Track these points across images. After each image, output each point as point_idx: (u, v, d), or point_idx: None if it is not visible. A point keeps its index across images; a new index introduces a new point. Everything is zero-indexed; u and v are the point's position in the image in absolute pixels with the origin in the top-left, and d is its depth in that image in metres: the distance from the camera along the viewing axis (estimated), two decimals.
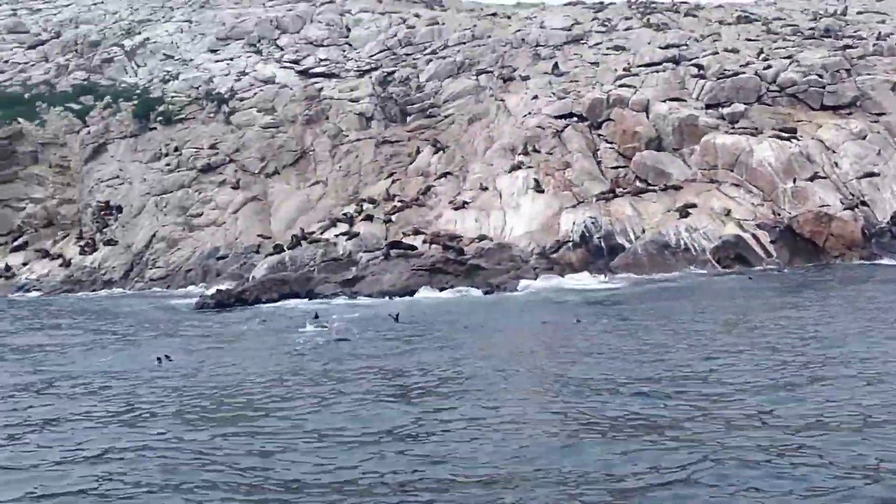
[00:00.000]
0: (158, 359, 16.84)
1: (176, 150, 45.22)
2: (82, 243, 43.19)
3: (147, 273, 40.39)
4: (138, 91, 49.18)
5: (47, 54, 54.48)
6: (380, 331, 20.42)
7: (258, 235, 40.11)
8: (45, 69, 52.61)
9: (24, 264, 42.85)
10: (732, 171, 34.32)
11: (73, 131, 47.38)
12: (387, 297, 28.87)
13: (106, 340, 21.45)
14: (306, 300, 29.86)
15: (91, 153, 46.38)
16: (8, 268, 42.20)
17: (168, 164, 44.73)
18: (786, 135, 34.78)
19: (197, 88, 48.46)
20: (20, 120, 47.53)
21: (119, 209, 44.04)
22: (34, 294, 39.31)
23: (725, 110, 37.38)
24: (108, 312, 29.35)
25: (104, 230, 43.57)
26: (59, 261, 42.25)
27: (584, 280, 29.73)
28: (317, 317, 22.99)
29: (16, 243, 44.25)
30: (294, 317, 24.65)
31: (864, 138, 35.12)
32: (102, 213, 44.20)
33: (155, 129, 46.69)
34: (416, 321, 22.20)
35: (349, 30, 54.13)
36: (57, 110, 48.20)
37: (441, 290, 29.58)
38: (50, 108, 48.42)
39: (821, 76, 38.53)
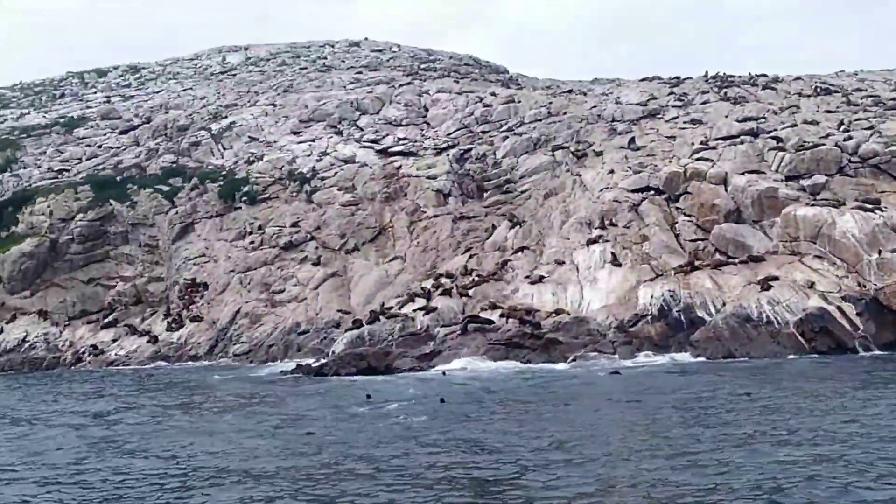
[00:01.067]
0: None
1: (259, 228, 46.51)
2: (169, 320, 44.36)
3: (231, 348, 41.19)
4: (224, 172, 50.83)
5: (138, 139, 56.78)
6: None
7: (338, 310, 40.70)
8: (136, 153, 54.79)
9: (114, 340, 44.10)
10: (815, 243, 33.72)
11: (161, 212, 49.13)
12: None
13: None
14: (384, 375, 30.13)
15: (178, 232, 47.96)
16: (95, 346, 43.49)
17: (252, 242, 45.98)
18: (869, 206, 34.11)
19: (280, 169, 49.87)
20: (112, 202, 49.51)
21: (205, 286, 45.27)
22: (123, 368, 40.41)
23: (806, 182, 36.95)
24: (207, 385, 29.80)
25: (190, 307, 44.75)
26: (147, 337, 43.39)
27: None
28: (369, 397, 22.98)
29: (106, 320, 45.62)
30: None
31: None
32: (189, 290, 45.47)
33: (240, 208, 48.15)
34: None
35: (427, 109, 55.31)
36: (147, 192, 50.11)
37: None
38: (140, 189, 50.36)
39: None
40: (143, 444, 17.38)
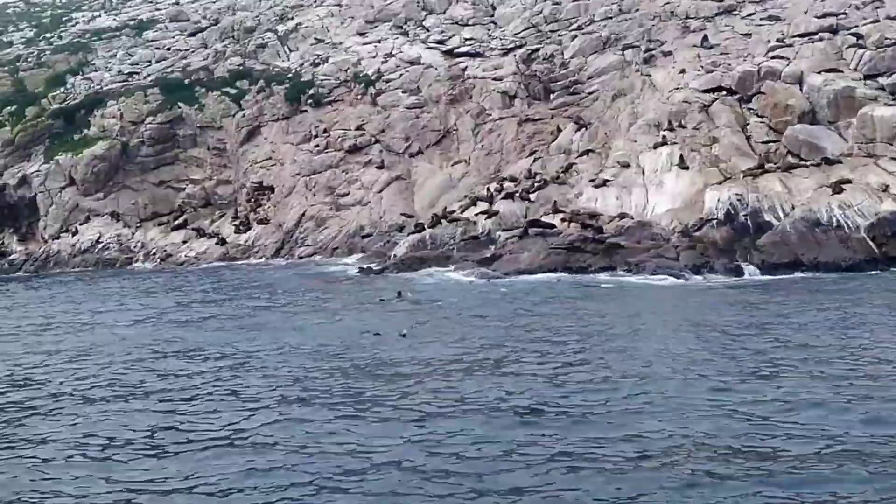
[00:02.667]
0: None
1: (325, 131, 46.48)
2: (237, 222, 44.98)
3: (296, 251, 41.72)
4: (290, 75, 50.62)
5: (206, 41, 56.70)
6: None
7: (402, 214, 40.79)
8: (204, 55, 54.77)
9: (184, 242, 44.93)
10: (892, 144, 32.39)
11: (229, 115, 49.34)
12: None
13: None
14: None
15: (245, 136, 48.22)
16: (166, 247, 44.45)
17: (317, 146, 46.05)
18: None
19: (345, 71, 49.44)
20: (180, 105, 49.83)
21: (271, 189, 45.67)
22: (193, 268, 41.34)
23: (886, 81, 35.23)
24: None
25: (257, 209, 45.29)
26: (216, 239, 44.10)
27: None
28: (399, 295, 24.46)
29: (176, 222, 46.42)
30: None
31: None
32: (256, 193, 45.95)
33: (305, 111, 48.08)
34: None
35: (494, 8, 53.89)
36: (214, 95, 50.28)
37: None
38: (208, 92, 50.54)
39: None
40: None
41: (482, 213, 35.76)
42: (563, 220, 33.11)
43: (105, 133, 49.50)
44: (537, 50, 47.48)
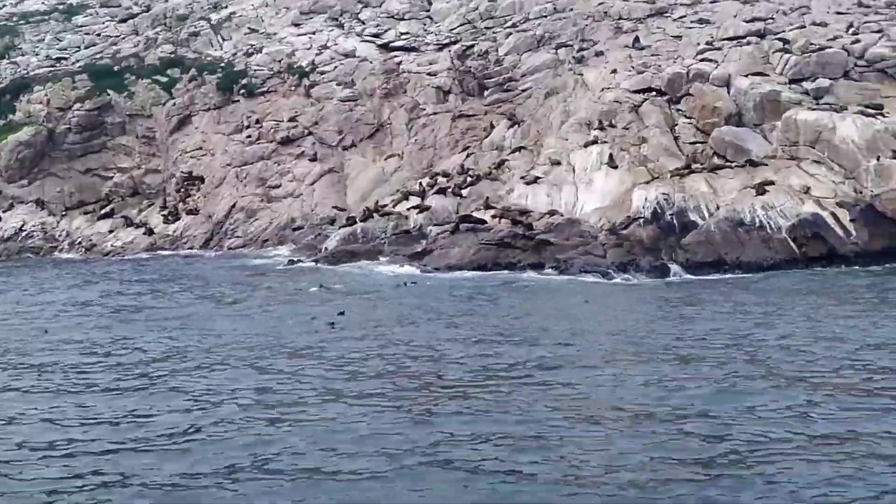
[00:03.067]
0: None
1: (257, 122, 46.04)
2: (166, 212, 44.38)
3: (226, 242, 41.33)
4: (223, 64, 50.01)
5: (137, 28, 55.72)
6: None
7: (333, 207, 40.62)
8: (135, 42, 53.82)
9: (111, 231, 44.16)
10: (814, 147, 33.22)
11: (159, 103, 48.58)
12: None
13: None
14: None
15: (176, 125, 47.53)
16: (91, 237, 43.64)
17: (249, 137, 45.59)
18: (871, 111, 33.45)
19: (279, 62, 49.03)
20: (109, 92, 48.94)
21: (201, 180, 45.12)
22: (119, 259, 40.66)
23: (810, 86, 36.13)
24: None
25: (187, 200, 44.72)
26: (143, 229, 43.43)
27: None
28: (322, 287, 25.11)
29: (103, 211, 45.59)
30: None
31: None
32: (185, 183, 45.35)
33: (238, 101, 47.56)
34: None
35: (430, 4, 53.90)
36: (145, 82, 49.46)
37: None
38: (138, 80, 49.70)
39: None
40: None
41: (414, 207, 35.83)
42: (494, 216, 33.29)
43: (31, 119, 48.41)
44: (472, 46, 47.61)
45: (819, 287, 24.55)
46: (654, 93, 38.44)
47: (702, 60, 39.20)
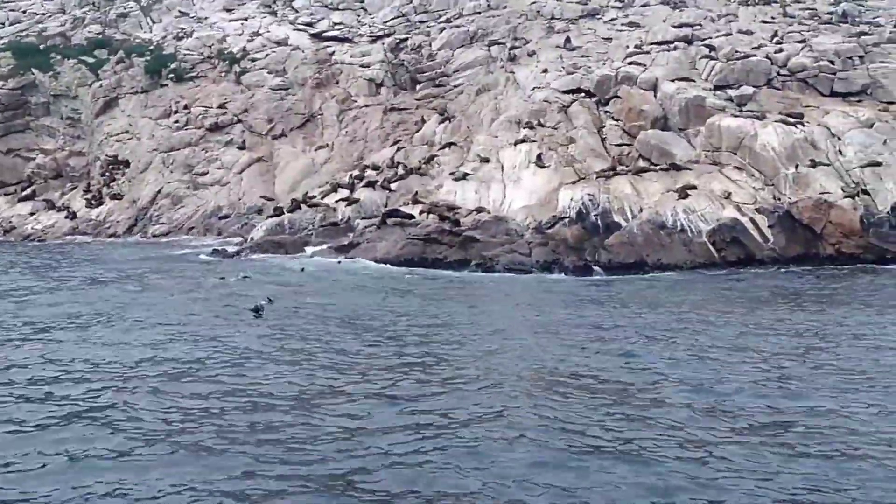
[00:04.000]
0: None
1: (185, 107, 45.48)
2: (89, 196, 43.57)
3: (150, 229, 40.74)
4: (152, 47, 49.30)
5: (64, 6, 54.60)
6: None
7: (261, 197, 40.36)
8: (62, 21, 52.78)
9: (31, 214, 43.26)
10: (736, 154, 34.07)
11: (85, 84, 47.67)
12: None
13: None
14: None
15: (102, 107, 46.70)
16: (11, 219, 42.72)
17: (177, 122, 44.99)
18: (792, 120, 34.44)
19: (210, 47, 48.51)
20: (34, 71, 47.85)
21: (127, 164, 44.39)
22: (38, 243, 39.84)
23: (734, 93, 37.04)
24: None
25: (111, 184, 43.96)
26: (66, 212, 42.62)
27: None
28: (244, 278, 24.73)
29: (24, 193, 44.61)
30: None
31: (871, 126, 34.63)
32: (110, 167, 44.58)
33: (166, 85, 46.92)
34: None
35: None
36: (71, 63, 48.49)
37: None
38: (64, 60, 48.66)
39: (832, 62, 38.05)
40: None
41: (343, 199, 35.81)
42: (421, 211, 33.43)
43: None
44: (406, 39, 47.75)
45: (732, 288, 25.20)
46: (583, 94, 38.99)
47: (630, 63, 39.85)
